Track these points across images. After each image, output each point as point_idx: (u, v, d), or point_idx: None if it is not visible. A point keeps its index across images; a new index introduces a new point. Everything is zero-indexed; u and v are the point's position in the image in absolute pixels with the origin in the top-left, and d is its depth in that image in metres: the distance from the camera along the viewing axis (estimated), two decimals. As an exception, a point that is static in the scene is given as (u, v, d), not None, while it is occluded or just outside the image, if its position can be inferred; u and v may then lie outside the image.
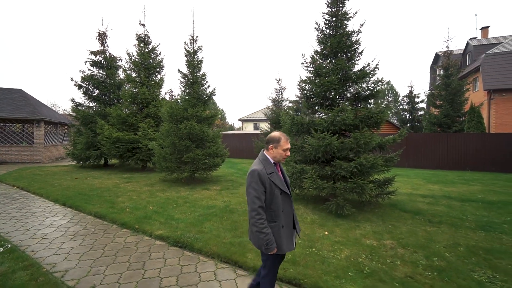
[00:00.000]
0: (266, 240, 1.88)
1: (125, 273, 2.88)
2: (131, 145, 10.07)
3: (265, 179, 1.95)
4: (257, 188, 1.92)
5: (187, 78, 8.46)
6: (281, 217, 1.99)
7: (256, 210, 1.90)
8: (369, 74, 5.51)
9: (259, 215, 1.89)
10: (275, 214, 1.98)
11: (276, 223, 1.97)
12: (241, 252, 3.29)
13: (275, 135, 2.07)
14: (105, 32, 12.87)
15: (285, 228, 2.01)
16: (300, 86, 6.00)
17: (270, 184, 1.96)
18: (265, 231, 1.88)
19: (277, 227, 1.97)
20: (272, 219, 1.98)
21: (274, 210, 1.98)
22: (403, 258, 3.17)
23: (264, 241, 1.89)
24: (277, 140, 2.04)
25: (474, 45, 21.89)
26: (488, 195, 6.80)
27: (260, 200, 1.91)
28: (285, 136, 2.06)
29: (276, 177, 2.01)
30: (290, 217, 2.06)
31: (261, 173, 1.94)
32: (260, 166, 2.00)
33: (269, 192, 1.96)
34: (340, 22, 5.72)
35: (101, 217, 4.80)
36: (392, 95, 37.50)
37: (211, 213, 4.92)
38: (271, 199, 1.97)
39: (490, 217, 4.87)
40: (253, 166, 2.02)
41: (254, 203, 1.90)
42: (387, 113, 5.24)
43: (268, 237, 1.89)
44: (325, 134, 4.78)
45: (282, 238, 1.97)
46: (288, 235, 2.02)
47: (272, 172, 2.01)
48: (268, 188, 1.96)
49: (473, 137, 12.25)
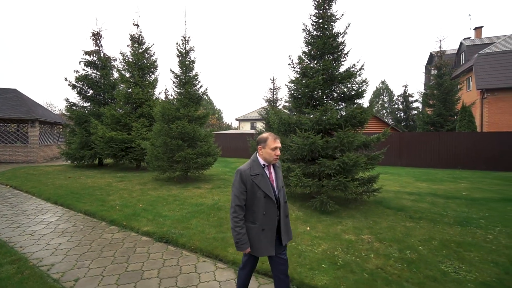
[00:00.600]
0: (237, 238, 1.92)
1: (109, 267, 3.00)
2: (125, 144, 10.16)
3: (247, 180, 1.95)
4: (238, 187, 1.95)
5: (180, 78, 8.57)
6: (262, 220, 1.95)
7: (234, 208, 1.94)
8: (355, 75, 5.65)
9: (235, 213, 1.94)
10: (255, 216, 1.97)
11: (256, 225, 1.96)
12: (222, 246, 3.42)
13: (263, 135, 2.07)
14: (99, 32, 12.92)
15: (267, 231, 1.96)
16: (288, 87, 6.12)
17: (252, 185, 1.95)
18: (238, 230, 1.91)
19: (257, 229, 1.95)
20: (253, 220, 1.98)
21: (255, 212, 1.97)
22: (377, 252, 3.32)
23: (236, 239, 1.92)
24: (264, 140, 2.02)
25: (467, 45, 22.12)
26: (473, 193, 6.97)
27: (238, 199, 1.94)
28: (272, 136, 2.04)
29: (261, 179, 1.97)
30: (273, 222, 1.99)
31: (243, 173, 1.97)
32: (247, 166, 2.02)
33: (250, 193, 1.96)
34: (326, 23, 5.85)
35: (91, 214, 4.91)
36: (387, 95, 37.78)
37: (199, 210, 5.04)
38: (253, 200, 1.96)
39: (469, 213, 5.03)
40: (241, 166, 2.04)
41: (234, 201, 1.96)
42: (371, 113, 5.37)
43: (239, 236, 1.91)
44: (310, 133, 4.91)
45: (261, 241, 1.94)
46: (269, 240, 1.96)
47: (258, 174, 1.98)
48: (250, 188, 1.95)
49: (464, 136, 12.44)
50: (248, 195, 1.97)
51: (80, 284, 2.64)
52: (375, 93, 38.60)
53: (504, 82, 16.87)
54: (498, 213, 5.04)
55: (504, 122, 17.06)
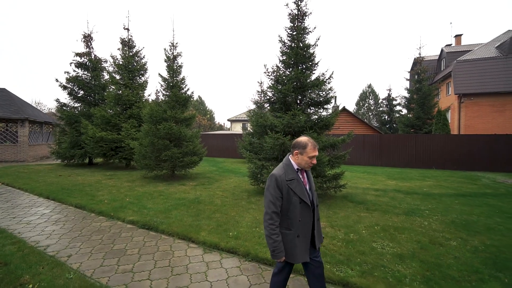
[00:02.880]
0: (274, 246, 1.84)
1: (97, 247, 3.55)
2: (115, 144, 10.60)
3: (283, 185, 1.87)
4: (273, 193, 1.86)
5: (167, 82, 9.09)
6: (297, 227, 1.89)
7: (270, 215, 1.84)
8: (323, 83, 6.32)
9: (271, 220, 1.84)
10: (291, 223, 1.89)
11: (291, 232, 1.89)
12: (196, 231, 4.00)
13: (302, 140, 1.96)
14: (90, 34, 13.29)
15: (301, 237, 1.91)
16: (265, 92, 6.75)
17: (288, 191, 1.87)
18: (274, 238, 1.83)
19: (292, 236, 1.89)
20: (288, 227, 1.90)
21: (291, 218, 1.89)
22: (326, 234, 3.96)
23: (271, 247, 1.84)
24: (303, 146, 1.92)
25: (447, 52, 23.28)
26: (433, 189, 7.75)
27: (274, 205, 1.85)
28: (312, 143, 1.93)
29: (296, 185, 1.90)
30: (308, 228, 1.94)
31: (279, 178, 1.88)
32: (281, 171, 1.93)
33: (286, 199, 1.88)
34: (298, 36, 6.50)
35: (81, 207, 5.41)
36: (372, 98, 39.09)
37: (180, 204, 5.60)
38: (288, 206, 1.89)
39: (419, 206, 5.76)
40: (274, 170, 1.97)
41: (269, 208, 1.85)
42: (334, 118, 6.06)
43: (276, 244, 1.83)
44: (279, 134, 5.55)
45: (296, 247, 1.89)
46: (304, 246, 1.92)
47: (293, 179, 1.90)
48: (285, 194, 1.87)
49: (438, 138, 13.35)
50: (284, 202, 1.89)
51: (72, 259, 3.18)
52: (361, 96, 39.91)
53: (479, 88, 17.98)
54: (443, 205, 5.79)
55: (479, 125, 18.17)
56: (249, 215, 4.86)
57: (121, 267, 3.02)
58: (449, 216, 4.95)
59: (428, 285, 2.61)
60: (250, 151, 7.30)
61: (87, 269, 2.94)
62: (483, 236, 3.93)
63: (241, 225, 4.30)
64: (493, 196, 6.79)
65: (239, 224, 4.35)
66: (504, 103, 17.67)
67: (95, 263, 3.10)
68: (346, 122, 19.94)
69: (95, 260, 3.16)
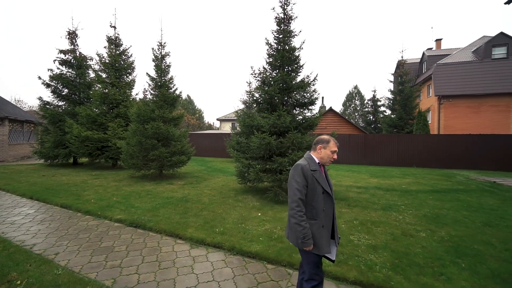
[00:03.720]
0: (303, 233, 1.84)
1: (84, 245, 3.61)
2: (101, 143, 10.46)
3: (308, 174, 1.94)
4: (299, 180, 1.92)
5: (155, 81, 9.09)
6: (321, 216, 1.94)
7: (297, 202, 1.87)
8: (308, 85, 6.57)
9: (299, 206, 1.87)
10: (316, 212, 1.94)
11: (317, 221, 1.93)
12: (183, 228, 4.13)
13: (325, 137, 2.11)
14: (75, 31, 13.00)
15: (325, 228, 1.94)
16: (251, 93, 6.92)
17: (313, 180, 1.94)
18: (303, 224, 1.85)
19: (318, 226, 1.92)
20: (312, 217, 1.94)
21: (315, 208, 1.94)
22: (308, 229, 4.19)
23: (301, 234, 1.84)
24: (327, 141, 2.05)
25: (428, 55, 24.29)
26: (411, 186, 8.19)
27: (301, 192, 1.89)
28: (333, 139, 2.08)
29: (319, 175, 1.98)
30: (330, 220, 2.00)
31: (304, 167, 1.95)
32: (305, 162, 2.02)
33: (311, 188, 1.94)
34: (284, 39, 6.72)
35: (67, 207, 5.39)
36: (358, 98, 40.19)
37: (168, 202, 5.69)
38: (313, 195, 1.94)
39: (396, 201, 6.12)
40: (298, 162, 2.05)
41: (295, 195, 1.89)
42: (318, 119, 6.33)
43: (305, 231, 1.84)
44: (265, 134, 5.74)
45: (322, 238, 1.91)
46: (328, 237, 1.96)
47: (316, 169, 1.99)
48: (310, 183, 1.94)
49: (418, 138, 13.99)
50: (308, 191, 1.94)
51: (60, 256, 3.24)
52: (348, 96, 40.95)
53: (457, 90, 18.92)
54: (418, 201, 6.18)
55: (457, 125, 19.13)
56: (235, 212, 5.03)
57: (109, 263, 3.11)
58: (422, 211, 5.32)
59: (395, 271, 2.88)
60: (238, 150, 7.45)
61: (75, 266, 3.02)
62: (449, 228, 4.29)
63: (228, 222, 4.46)
64: (464, 192, 7.28)
65: (225, 221, 4.51)
66: (480, 105, 18.70)
67: (83, 260, 3.18)
68: (333, 122, 20.45)
69: (83, 257, 3.24)
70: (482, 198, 6.52)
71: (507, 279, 2.74)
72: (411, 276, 2.79)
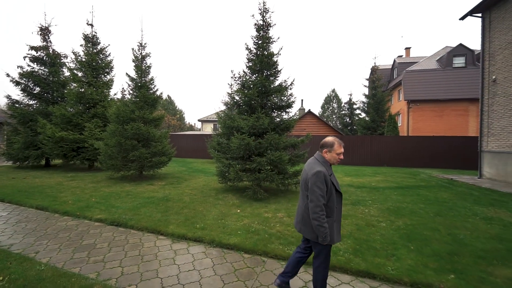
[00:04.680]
0: (325, 233, 2.12)
1: (65, 243, 3.67)
2: (76, 144, 10.16)
3: (328, 180, 2.17)
4: (322, 187, 2.13)
5: (135, 82, 9.05)
6: (335, 213, 2.23)
7: (321, 207, 2.11)
8: (286, 89, 6.98)
9: (322, 211, 2.11)
10: (330, 210, 2.21)
11: (331, 218, 2.21)
12: (165, 225, 4.30)
13: (329, 140, 2.27)
14: (48, 27, 12.50)
15: (336, 222, 2.26)
16: (231, 96, 7.20)
17: (331, 184, 2.19)
18: (326, 226, 2.12)
19: (331, 222, 2.21)
20: (328, 215, 2.20)
21: (330, 207, 2.21)
22: (283, 223, 4.54)
23: (324, 234, 2.12)
24: (331, 145, 2.24)
25: (398, 62, 25.99)
26: (380, 183, 8.89)
27: (324, 198, 2.14)
28: (338, 141, 2.25)
29: (334, 178, 2.24)
30: (340, 214, 2.30)
31: (326, 174, 2.17)
32: (323, 167, 2.20)
33: (328, 191, 2.18)
34: (263, 45, 7.07)
35: (43, 208, 5.30)
36: (336, 101, 41.94)
37: (149, 202, 5.79)
38: (329, 197, 2.19)
39: (365, 197, 6.69)
40: (316, 167, 2.21)
41: (319, 201, 2.12)
42: (294, 121, 6.76)
43: (327, 230, 2.12)
44: (245, 135, 6.04)
45: (334, 231, 2.23)
46: (337, 229, 2.27)
47: (332, 173, 2.24)
48: (329, 187, 2.18)
49: (388, 139, 15.03)
50: (327, 193, 2.19)
51: (40, 254, 3.30)
52: (326, 99, 42.61)
53: (424, 95, 20.49)
54: (384, 196, 6.80)
55: (424, 128, 20.70)
56: (216, 210, 5.27)
57: (92, 258, 3.24)
58: (385, 205, 5.91)
59: (355, 254, 3.31)
60: (219, 151, 7.67)
61: (58, 262, 3.11)
62: (406, 218, 4.86)
63: (208, 218, 4.70)
64: (425, 188, 8.08)
65: (206, 218, 4.74)
66: (443, 109, 20.40)
67: (65, 256, 3.27)
68: (311, 124, 21.29)
69: (65, 254, 3.33)
70: (438, 193, 7.30)
71: (443, 257, 3.27)
72: (368, 258, 3.22)
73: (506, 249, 3.52)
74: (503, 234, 4.09)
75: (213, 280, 2.79)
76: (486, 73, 10.17)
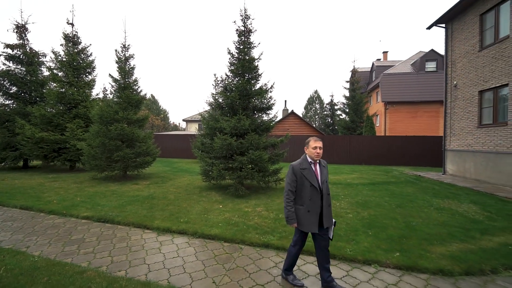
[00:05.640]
0: (287, 215, 2.55)
1: (54, 238, 3.89)
2: (58, 145, 10.05)
3: (297, 172, 2.57)
4: (290, 177, 2.60)
5: (119, 83, 9.14)
6: (307, 204, 2.53)
7: (287, 192, 2.59)
8: (266, 92, 7.42)
9: (288, 195, 2.58)
10: (303, 200, 2.55)
11: (303, 207, 2.55)
12: (150, 220, 4.60)
13: (308, 139, 2.70)
14: (24, 25, 12.17)
15: (311, 213, 2.52)
16: (214, 98, 7.55)
17: (301, 176, 2.56)
18: (289, 208, 2.54)
19: (304, 210, 2.54)
20: (301, 204, 2.56)
21: (303, 197, 2.56)
22: (261, 216, 4.98)
23: (286, 215, 2.56)
24: (307, 142, 2.66)
25: (377, 65, 27.28)
26: (354, 180, 9.57)
27: (290, 185, 2.57)
28: (314, 138, 2.64)
29: (308, 172, 2.56)
30: (317, 206, 2.54)
31: (294, 167, 2.60)
32: (298, 162, 2.64)
33: (300, 183, 2.56)
34: (244, 50, 7.47)
35: (28, 208, 5.39)
36: (318, 102, 43.28)
37: (135, 200, 6.03)
38: (301, 187, 2.56)
39: (339, 192, 7.28)
40: (294, 162, 2.67)
41: (286, 187, 2.61)
42: (273, 122, 7.22)
43: (289, 213, 2.52)
44: (227, 136, 6.42)
45: (306, 219, 2.52)
46: (313, 220, 2.52)
47: (306, 168, 2.58)
48: (299, 179, 2.56)
49: (366, 139, 15.92)
50: (298, 184, 2.57)
51: (31, 249, 3.51)
52: (309, 100, 43.84)
53: (399, 97, 21.74)
54: (356, 191, 7.43)
55: (399, 128, 21.96)
56: (199, 206, 5.62)
57: (82, 250, 3.49)
58: (356, 199, 6.51)
59: (321, 240, 3.80)
60: (203, 150, 7.97)
61: (49, 254, 3.34)
62: (371, 210, 5.46)
63: (191, 213, 5.04)
64: (394, 184, 8.83)
65: (189, 213, 5.08)
66: (416, 110, 21.77)
67: (56, 249, 3.50)
68: (294, 124, 21.98)
69: (56, 248, 3.56)
70: (404, 188, 8.05)
71: (395, 240, 3.84)
72: (331, 242, 3.71)
73: (448, 233, 4.16)
74: (448, 221, 4.76)
75: (195, 264, 3.16)
76: (449, 78, 11.19)
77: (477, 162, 9.41)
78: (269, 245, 3.68)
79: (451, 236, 4.02)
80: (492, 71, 8.78)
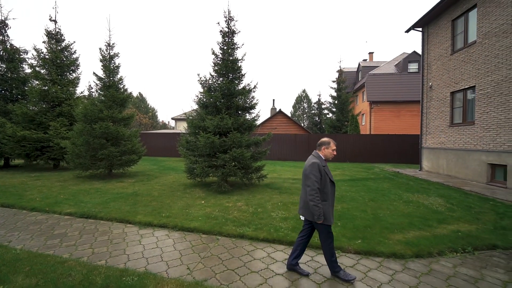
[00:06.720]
0: (319, 211, 2.62)
1: (37, 233, 4.01)
2: (40, 144, 9.96)
3: (321, 169, 2.72)
4: (316, 175, 2.69)
5: (104, 81, 9.15)
6: (330, 198, 2.75)
7: (315, 190, 2.65)
8: (249, 92, 7.67)
9: (317, 193, 2.64)
10: (326, 196, 2.72)
11: (327, 202, 2.72)
12: (133, 215, 4.77)
13: (326, 139, 2.89)
14: (4, 20, 11.91)
15: (331, 207, 2.76)
16: (199, 97, 7.73)
17: (324, 173, 2.73)
18: (320, 206, 2.63)
19: (328, 205, 2.72)
20: (324, 199, 2.71)
21: (326, 193, 2.72)
22: (240, 210, 5.24)
23: (318, 212, 2.62)
24: (328, 143, 2.85)
25: (363, 66, 27.99)
26: (336, 177, 9.97)
27: (318, 183, 2.67)
28: (332, 141, 2.88)
29: (327, 169, 2.79)
30: (334, 200, 2.83)
31: (320, 164, 2.74)
32: (318, 160, 2.77)
33: (323, 179, 2.72)
34: (228, 50, 7.68)
35: (9, 206, 5.43)
36: (306, 101, 43.97)
37: (118, 197, 6.16)
38: (324, 184, 2.72)
39: (318, 188, 7.63)
40: (312, 160, 2.78)
41: (314, 185, 2.65)
42: (255, 121, 7.49)
43: (321, 210, 2.63)
44: (210, 134, 6.64)
45: (330, 213, 2.73)
46: (332, 212, 2.78)
47: (325, 165, 2.79)
48: (323, 176, 2.72)
49: (350, 137, 16.45)
50: (322, 181, 2.73)
51: (13, 243, 3.63)
52: (297, 99, 44.46)
53: (384, 97, 22.46)
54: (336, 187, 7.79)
55: (383, 127, 22.71)
56: (182, 202, 5.82)
57: (64, 243, 3.65)
58: (333, 193, 6.87)
59: (293, 231, 4.10)
60: (188, 149, 8.14)
61: (32, 248, 3.48)
62: (345, 204, 5.82)
63: (174, 209, 5.24)
64: (372, 180, 9.30)
65: (171, 208, 5.27)
66: (400, 110, 22.58)
67: (38, 243, 3.64)
68: (282, 123, 22.38)
69: (38, 241, 3.69)
70: (381, 184, 8.51)
71: (359, 229, 4.19)
72: (302, 232, 4.02)
73: (409, 222, 4.55)
74: (413, 212, 5.18)
75: (173, 253, 3.39)
76: (425, 80, 11.79)
77: (449, 159, 10.02)
78: (244, 235, 3.95)
79: (411, 225, 4.41)
80: (461, 73, 9.37)
